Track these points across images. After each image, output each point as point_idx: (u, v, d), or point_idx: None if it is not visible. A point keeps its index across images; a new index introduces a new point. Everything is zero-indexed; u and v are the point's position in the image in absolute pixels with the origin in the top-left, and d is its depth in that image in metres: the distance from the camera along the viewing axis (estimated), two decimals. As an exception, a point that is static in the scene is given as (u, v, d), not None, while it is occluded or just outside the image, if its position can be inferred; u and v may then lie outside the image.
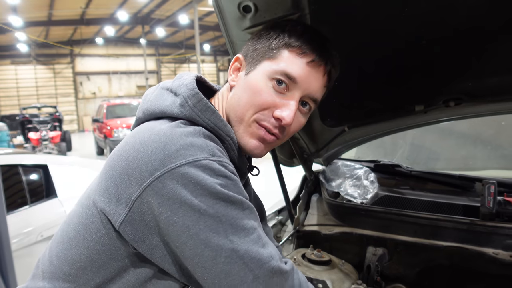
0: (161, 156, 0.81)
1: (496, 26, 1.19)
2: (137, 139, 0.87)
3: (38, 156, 3.82)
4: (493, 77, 1.39)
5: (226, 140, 0.95)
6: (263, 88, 0.96)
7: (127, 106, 15.20)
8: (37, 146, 13.17)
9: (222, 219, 0.80)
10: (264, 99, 0.95)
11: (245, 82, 0.99)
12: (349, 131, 1.78)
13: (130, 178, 0.83)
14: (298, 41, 0.96)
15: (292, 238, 1.94)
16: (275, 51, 0.97)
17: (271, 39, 0.98)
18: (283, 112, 0.95)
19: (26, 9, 19.24)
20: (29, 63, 27.37)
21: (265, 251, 0.84)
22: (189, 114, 0.92)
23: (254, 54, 1.00)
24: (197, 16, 18.32)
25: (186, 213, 0.79)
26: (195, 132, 0.87)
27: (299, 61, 0.95)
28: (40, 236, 3.17)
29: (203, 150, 0.83)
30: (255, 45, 1.01)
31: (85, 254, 0.89)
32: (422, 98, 1.56)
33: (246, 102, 0.97)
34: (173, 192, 0.79)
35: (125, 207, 0.83)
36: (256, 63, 0.99)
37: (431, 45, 1.30)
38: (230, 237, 0.80)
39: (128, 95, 28.83)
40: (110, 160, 0.90)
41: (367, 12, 1.26)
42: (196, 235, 0.79)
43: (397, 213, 1.71)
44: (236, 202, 0.83)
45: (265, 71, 0.96)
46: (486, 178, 1.63)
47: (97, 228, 0.88)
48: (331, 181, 1.99)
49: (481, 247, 1.54)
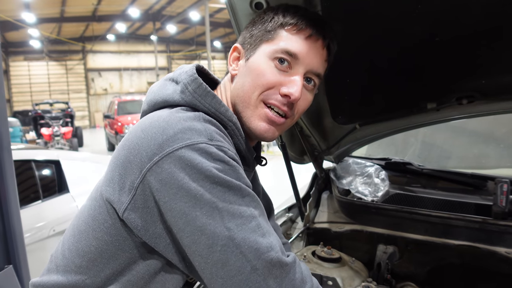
0: (160, 140, 0.81)
1: (510, 24, 1.18)
2: (139, 127, 0.88)
3: (51, 152, 3.86)
4: (506, 75, 1.37)
5: (228, 125, 0.95)
6: (265, 68, 0.96)
7: (138, 103, 15.30)
8: (49, 142, 13.31)
9: (219, 205, 0.78)
10: (268, 78, 0.95)
11: (246, 68, 0.99)
12: (360, 129, 1.78)
13: (132, 165, 0.83)
14: (293, 19, 0.96)
15: (302, 235, 1.94)
16: (272, 33, 0.97)
17: (266, 23, 0.99)
18: (290, 88, 0.95)
19: (39, 6, 19.43)
20: (42, 59, 27.68)
21: (264, 240, 0.80)
22: (189, 100, 0.93)
23: (251, 40, 1.00)
24: (208, 12, 18.35)
25: (183, 199, 0.78)
26: (195, 116, 0.88)
27: (297, 37, 0.96)
28: (53, 230, 3.22)
29: (201, 134, 0.83)
30: (250, 31, 1.02)
31: (94, 246, 0.91)
32: (434, 96, 1.54)
33: (250, 85, 0.97)
34: (171, 177, 0.78)
35: (128, 194, 0.83)
36: (254, 48, 0.99)
37: (444, 43, 1.29)
38: (226, 224, 0.78)
39: (139, 92, 29.04)
40: (115, 151, 0.92)
41: (379, 9, 1.25)
42: (193, 221, 0.78)
43: (408, 211, 1.70)
44: (235, 187, 0.81)
45: (265, 53, 0.97)
46: (499, 177, 1.61)
47: (104, 218, 0.89)
48: (341, 179, 1.99)
49: (493, 246, 1.53)
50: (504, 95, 1.46)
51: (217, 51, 32.73)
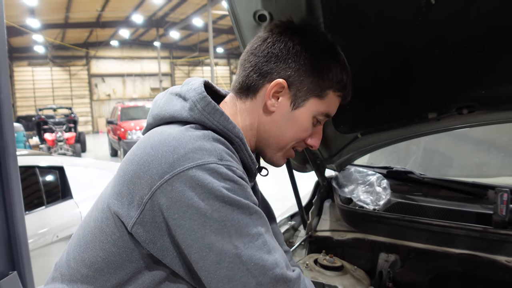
0: (171, 159, 0.83)
1: (507, 36, 1.20)
2: (148, 143, 0.90)
3: (55, 158, 3.89)
4: (506, 85, 1.39)
5: (235, 141, 0.96)
6: (308, 126, 1.05)
7: (141, 108, 15.33)
8: (52, 147, 13.36)
9: (227, 224, 0.81)
10: (307, 134, 1.06)
11: (292, 117, 1.03)
12: (362, 138, 1.79)
13: (141, 181, 0.85)
14: (341, 86, 1.05)
15: (304, 243, 1.96)
16: (323, 92, 1.02)
17: (320, 80, 1.01)
18: (314, 141, 1.09)
19: (44, 12, 19.56)
20: (46, 65, 27.82)
21: (270, 257, 0.84)
22: (198, 117, 0.94)
23: (301, 86, 1.00)
24: (211, 19, 18.41)
25: (192, 216, 0.80)
26: (204, 136, 0.89)
27: (337, 101, 1.07)
28: (56, 236, 3.23)
29: (211, 153, 0.85)
30: (300, 76, 1.00)
31: (101, 256, 0.92)
32: (435, 106, 1.56)
33: (293, 136, 1.05)
34: (181, 195, 0.81)
35: (137, 209, 0.85)
36: (303, 99, 1.02)
37: (444, 54, 1.31)
38: (234, 242, 0.81)
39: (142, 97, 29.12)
40: (123, 164, 0.93)
41: (380, 22, 1.27)
42: (201, 238, 0.81)
43: (409, 220, 1.72)
44: (243, 206, 0.84)
45: (312, 111, 1.03)
46: (499, 186, 1.63)
47: (111, 230, 0.91)
48: (343, 187, 2.00)
49: (494, 254, 1.54)
50: (504, 104, 1.47)
51: (220, 57, 32.84)
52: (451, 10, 1.17)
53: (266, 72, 1.01)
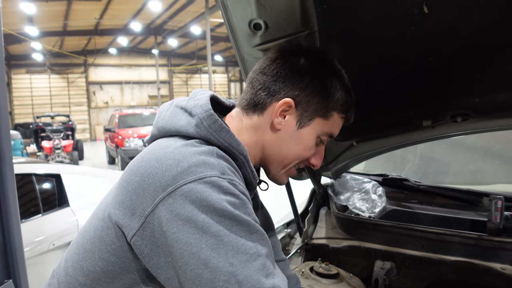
0: (174, 172, 0.83)
1: (499, 45, 1.21)
2: (153, 156, 0.90)
3: (52, 166, 3.89)
4: (499, 93, 1.40)
5: (239, 158, 0.97)
6: (312, 145, 1.07)
7: (139, 116, 15.34)
8: (49, 155, 13.32)
9: (224, 239, 0.79)
10: (311, 153, 1.08)
11: (297, 135, 1.05)
12: (358, 146, 1.80)
13: (145, 193, 0.84)
14: (346, 108, 1.08)
15: (300, 251, 1.96)
16: (328, 113, 1.05)
17: (326, 101, 1.04)
18: (317, 160, 1.11)
19: (42, 20, 19.63)
20: (44, 72, 27.84)
21: (268, 281, 0.79)
22: (204, 134, 0.95)
23: (307, 107, 1.03)
24: (209, 27, 18.49)
25: (190, 230, 0.79)
26: (209, 151, 0.90)
27: (341, 122, 1.11)
28: (52, 245, 3.22)
29: (214, 168, 0.85)
30: (306, 96, 1.03)
31: (100, 265, 0.92)
32: (429, 114, 1.57)
33: (297, 155, 1.07)
34: (181, 208, 0.80)
35: (138, 221, 0.84)
36: (309, 118, 1.04)
37: (438, 62, 1.33)
38: (230, 260, 0.78)
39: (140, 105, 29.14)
40: (126, 175, 0.92)
41: (374, 30, 1.29)
42: (197, 254, 0.78)
43: (405, 227, 1.72)
44: (243, 222, 0.82)
45: (316, 130, 1.06)
46: (494, 193, 1.64)
47: (111, 240, 0.90)
48: (339, 195, 2.01)
49: (489, 262, 1.54)
50: (497, 112, 1.49)
51: (218, 65, 32.91)
52: (444, 19, 1.18)
53: (274, 91, 1.03)
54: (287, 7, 1.21)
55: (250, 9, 1.23)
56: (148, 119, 15.02)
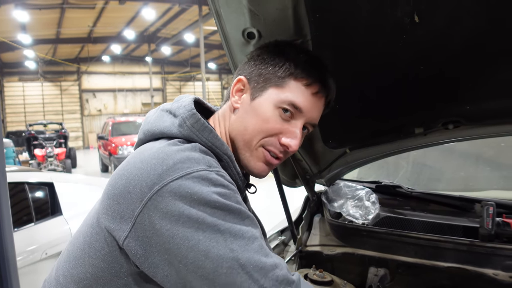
0: (160, 171, 0.83)
1: (489, 53, 1.23)
2: (137, 158, 0.90)
3: (44, 174, 3.87)
4: (490, 101, 1.42)
5: (223, 158, 0.98)
6: (270, 116, 1.01)
7: (132, 124, 15.31)
8: (42, 163, 13.24)
9: (221, 228, 0.80)
10: (272, 126, 1.01)
11: (251, 108, 1.03)
12: (351, 153, 1.81)
13: (131, 195, 0.84)
14: (304, 72, 1.01)
15: (294, 258, 1.96)
16: (282, 80, 1.01)
17: (276, 67, 1.02)
18: (289, 140, 1.01)
19: (35, 27, 19.60)
20: (37, 80, 27.76)
21: (269, 260, 0.82)
22: (187, 133, 0.96)
23: (259, 79, 1.03)
24: (203, 34, 18.55)
25: (185, 224, 0.79)
26: (192, 147, 0.91)
27: (304, 91, 1.01)
28: (45, 254, 3.20)
29: (200, 162, 0.86)
30: (259, 69, 1.04)
31: (90, 272, 0.91)
32: (421, 121, 1.59)
33: (254, 128, 1.02)
34: (172, 205, 0.80)
35: (129, 223, 0.84)
36: (262, 89, 1.02)
37: (429, 70, 1.34)
38: (230, 246, 0.79)
39: (134, 113, 29.08)
40: (112, 179, 0.93)
41: (366, 39, 1.30)
42: (196, 246, 0.79)
43: (398, 234, 1.73)
44: (235, 210, 0.83)
45: (272, 99, 1.01)
46: (485, 200, 1.65)
47: (101, 246, 0.90)
48: (333, 202, 2.02)
49: (481, 268, 1.55)
50: (488, 120, 1.50)
51: (211, 73, 33.01)
52: (435, 28, 1.20)
53: (235, 76, 1.09)
54: (281, 17, 1.22)
55: (243, 18, 1.24)
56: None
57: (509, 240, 1.56)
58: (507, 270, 1.51)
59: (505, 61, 1.25)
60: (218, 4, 1.23)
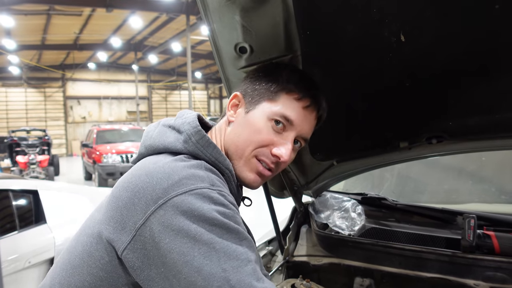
0: (165, 185, 0.86)
1: (471, 71, 1.29)
2: (143, 171, 0.93)
3: (29, 181, 3.83)
4: (472, 117, 1.47)
5: (225, 173, 1.02)
6: (263, 127, 1.06)
7: (117, 132, 15.17)
8: (24, 170, 13.01)
9: (216, 246, 0.82)
10: (264, 137, 1.05)
11: (245, 120, 1.08)
12: (338, 165, 1.85)
13: (135, 207, 0.87)
14: (295, 87, 1.07)
15: (282, 269, 1.98)
16: (274, 94, 1.07)
17: (270, 83, 1.08)
18: (281, 150, 1.05)
19: (20, 33, 19.39)
20: (20, 86, 27.38)
21: (260, 285, 0.82)
22: (192, 149, 0.99)
23: (253, 94, 1.09)
24: (190, 44, 18.58)
25: (183, 239, 0.81)
26: (198, 165, 0.94)
27: (296, 105, 1.07)
28: (28, 262, 3.15)
29: (204, 180, 0.89)
30: (254, 85, 1.10)
31: (88, 281, 0.92)
32: (406, 135, 1.63)
33: (247, 139, 1.06)
34: (173, 219, 0.82)
35: (129, 235, 0.86)
36: (256, 103, 1.08)
37: (414, 87, 1.39)
38: (223, 266, 0.80)
39: (119, 121, 28.82)
40: (116, 191, 0.94)
41: (355, 56, 1.35)
42: (190, 262, 0.80)
43: (383, 245, 1.77)
44: (233, 230, 0.85)
45: (265, 112, 1.06)
46: (467, 212, 1.70)
47: (100, 255, 0.91)
48: (320, 213, 2.05)
49: (463, 278, 1.59)
50: (470, 135, 1.55)
51: (197, 82, 32.95)
52: (420, 47, 1.25)
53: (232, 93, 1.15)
54: (272, 32, 1.26)
55: (236, 33, 1.27)
56: (126, 135, 14.87)
57: (490, 251, 1.61)
58: (488, 280, 1.56)
59: (485, 79, 1.31)
60: (211, 18, 1.26)
